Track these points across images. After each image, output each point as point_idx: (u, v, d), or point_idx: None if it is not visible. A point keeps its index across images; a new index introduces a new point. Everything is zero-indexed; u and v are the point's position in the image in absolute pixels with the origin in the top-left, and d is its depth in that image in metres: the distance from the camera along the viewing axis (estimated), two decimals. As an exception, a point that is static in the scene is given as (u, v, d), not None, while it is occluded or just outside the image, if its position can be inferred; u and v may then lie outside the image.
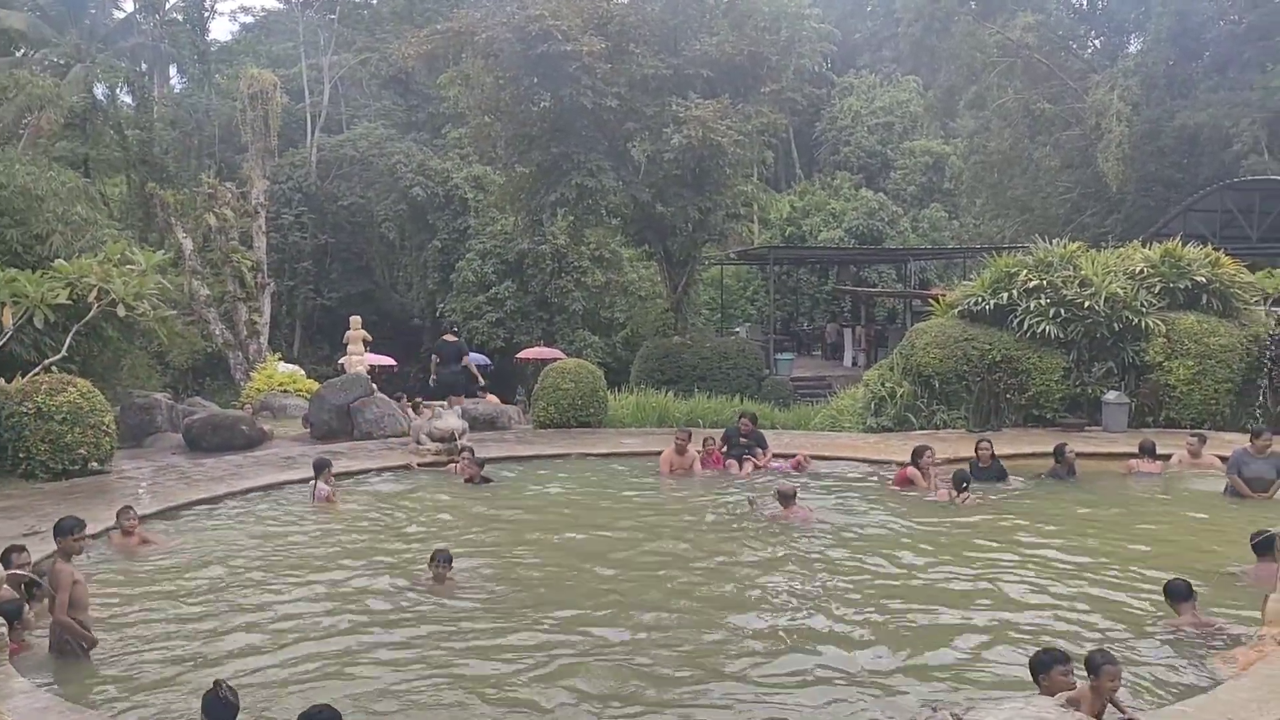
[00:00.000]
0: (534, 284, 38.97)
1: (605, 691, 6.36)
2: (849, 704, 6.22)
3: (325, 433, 17.06)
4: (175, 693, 6.38)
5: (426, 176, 40.93)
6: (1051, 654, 5.66)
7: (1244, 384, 16.56)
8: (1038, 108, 37.09)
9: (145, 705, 6.23)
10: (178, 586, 8.65)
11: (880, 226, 43.63)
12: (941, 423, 16.98)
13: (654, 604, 8.12)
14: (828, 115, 52.87)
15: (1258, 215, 28.06)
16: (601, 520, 11.25)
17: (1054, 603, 8.10)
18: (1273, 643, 6.49)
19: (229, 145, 45.31)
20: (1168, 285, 17.36)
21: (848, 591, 8.48)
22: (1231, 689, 5.81)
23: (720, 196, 26.40)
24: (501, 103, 25.53)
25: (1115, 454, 14.10)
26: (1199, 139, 33.69)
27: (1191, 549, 9.66)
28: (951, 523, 10.92)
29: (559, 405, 17.89)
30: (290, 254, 42.95)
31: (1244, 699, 5.55)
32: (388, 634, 7.47)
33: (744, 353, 28.23)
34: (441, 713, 6.10)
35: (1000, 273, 17.80)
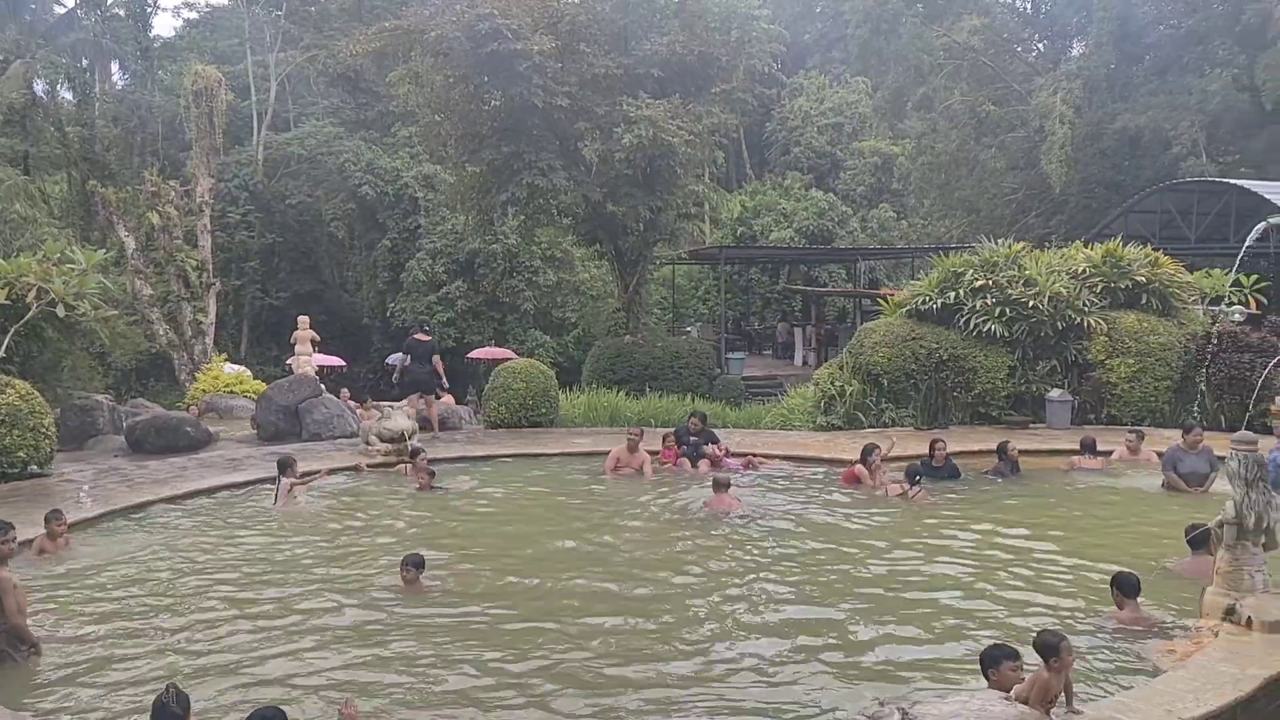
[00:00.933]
0: (485, 283, 38.79)
1: (574, 694, 6.38)
2: (798, 695, 6.29)
3: (273, 434, 16.87)
4: (119, 699, 6.28)
5: (376, 175, 40.57)
6: (1001, 649, 5.69)
7: (1182, 382, 16.94)
8: (983, 110, 37.62)
9: (89, 711, 6.13)
10: (122, 591, 8.51)
11: (830, 226, 43.96)
12: (890, 421, 17.18)
13: (616, 606, 8.16)
14: (778, 115, 53.17)
15: (1196, 216, 28.66)
16: (556, 522, 11.24)
17: (998, 596, 8.24)
18: (1209, 634, 6.65)
19: (173, 143, 44.59)
20: (1109, 285, 17.72)
21: (798, 585, 8.56)
22: (1170, 680, 5.95)
23: (671, 196, 26.46)
24: (451, 101, 25.38)
25: (1058, 451, 14.36)
26: (1140, 141, 34.35)
27: (1131, 543, 9.87)
28: (896, 518, 11.08)
29: (510, 405, 17.85)
30: (237, 253, 42.35)
31: (1181, 690, 5.69)
32: (354, 637, 7.41)
33: (695, 352, 28.32)
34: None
35: (947, 273, 18.05)
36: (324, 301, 43.02)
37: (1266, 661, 6.07)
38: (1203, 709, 5.43)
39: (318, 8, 50.50)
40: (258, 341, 42.88)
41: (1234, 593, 6.77)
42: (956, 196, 39.90)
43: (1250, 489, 6.75)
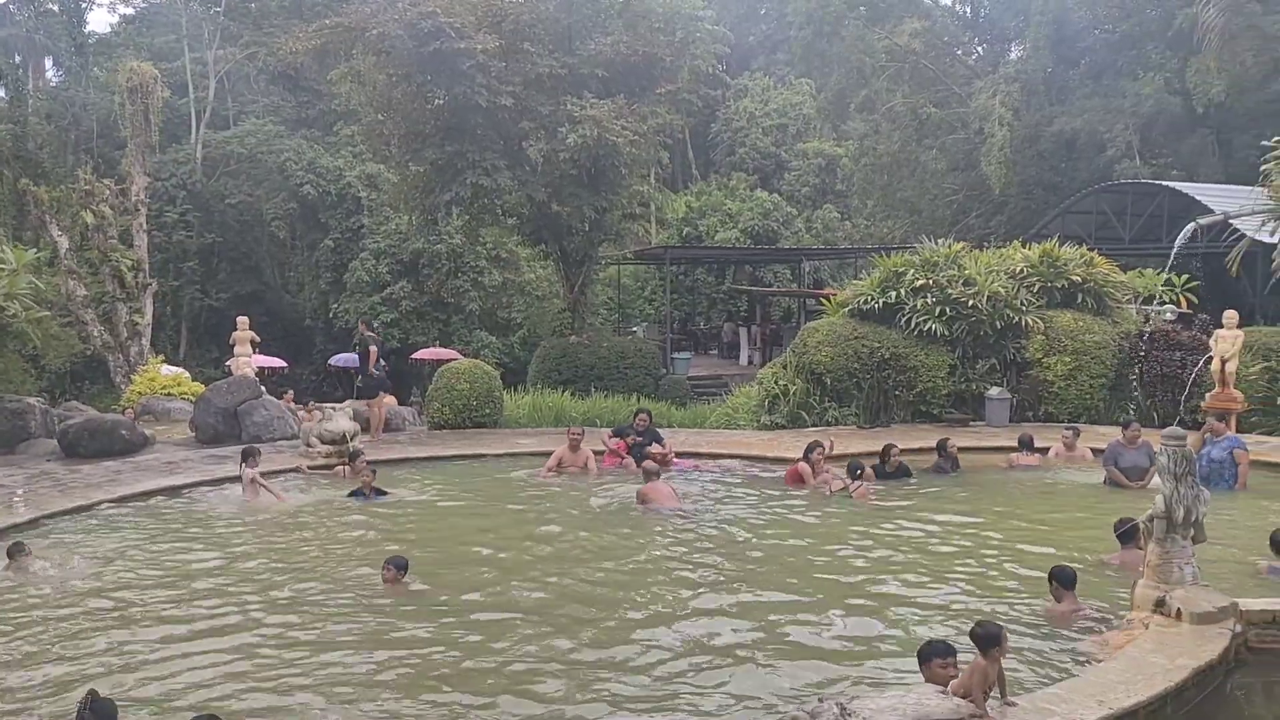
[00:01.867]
0: (430, 284, 38.53)
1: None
2: (738, 689, 6.32)
3: (211, 436, 16.59)
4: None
5: (317, 175, 40.12)
6: (933, 646, 5.77)
7: (1116, 379, 17.28)
8: (925, 112, 38.14)
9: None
10: (62, 600, 8.31)
11: (775, 227, 44.24)
12: (833, 419, 17.32)
13: (582, 601, 8.17)
14: (723, 116, 53.43)
15: (1130, 217, 29.31)
16: (497, 523, 11.18)
17: (938, 590, 8.34)
18: (1141, 626, 6.79)
19: (108, 140, 43.70)
20: (1046, 284, 18.02)
21: (738, 579, 8.62)
22: (1102, 671, 6.06)
23: (616, 196, 26.44)
24: (394, 100, 25.14)
25: (997, 448, 14.59)
26: (1076, 144, 35.04)
27: (1069, 538, 10.04)
28: (838, 514, 11.18)
29: (454, 406, 17.73)
30: (175, 253, 41.62)
31: (1114, 681, 5.80)
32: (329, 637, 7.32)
33: (641, 352, 28.34)
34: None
35: (888, 272, 18.25)
36: (265, 302, 42.44)
37: (1195, 652, 6.22)
38: (1133, 699, 5.54)
39: (257, 4, 49.78)
40: (197, 343, 42.20)
41: (1164, 585, 6.91)
42: (899, 197, 40.40)
43: (1179, 483, 6.90)
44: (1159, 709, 5.60)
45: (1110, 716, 5.36)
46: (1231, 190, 25.68)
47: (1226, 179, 30.35)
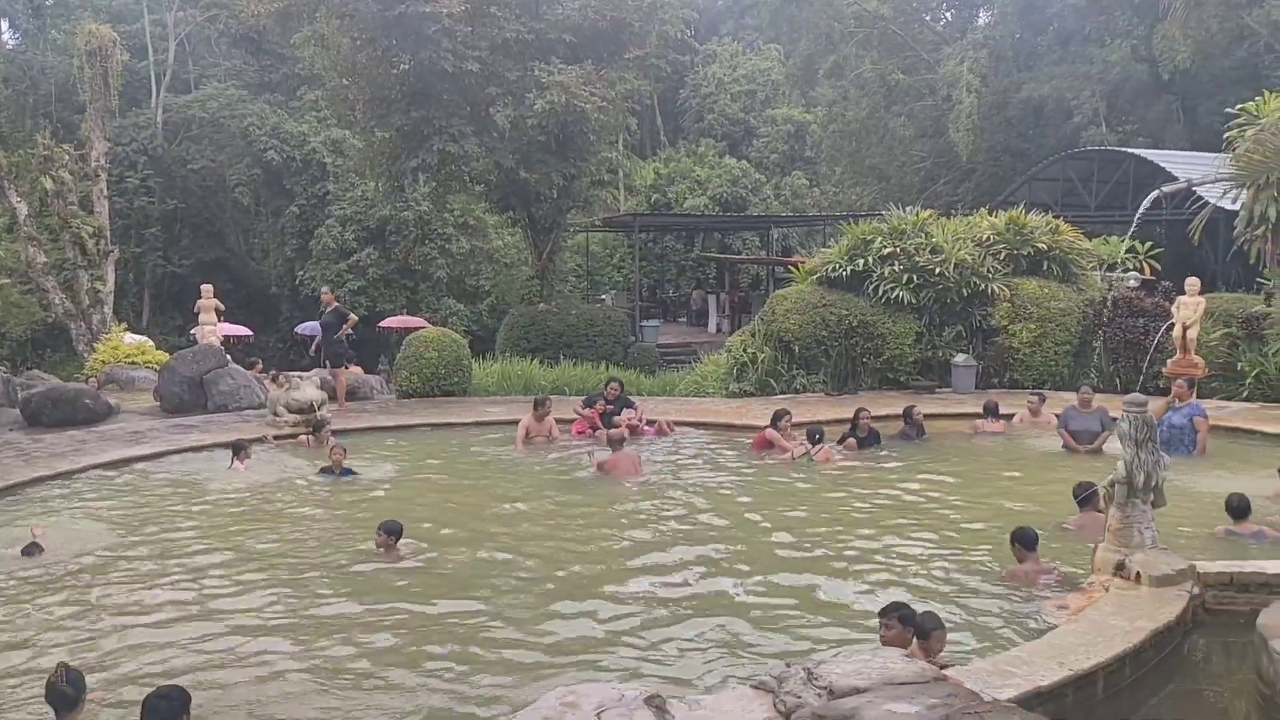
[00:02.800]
0: (397, 251, 38.22)
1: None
2: (708, 655, 6.39)
3: (176, 405, 16.43)
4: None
5: (281, 140, 39.59)
6: (895, 606, 6.00)
7: (1080, 346, 17.46)
8: (893, 78, 38.09)
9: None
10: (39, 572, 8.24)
11: (744, 194, 44.19)
12: (801, 387, 17.40)
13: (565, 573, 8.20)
14: (691, 83, 53.17)
15: (1096, 184, 29.50)
16: (467, 492, 11.19)
17: (903, 553, 8.46)
18: (1101, 589, 6.90)
19: (67, 105, 42.85)
20: (1012, 252, 18.14)
21: (707, 544, 8.69)
22: (1063, 634, 6.16)
23: (585, 163, 26.33)
24: (359, 65, 24.82)
25: (963, 414, 14.72)
26: (1043, 110, 35.16)
27: (1032, 501, 10.18)
28: (804, 480, 11.27)
29: (422, 374, 17.66)
30: (136, 219, 41.01)
31: (1074, 643, 5.90)
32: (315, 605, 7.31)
33: (610, 320, 28.32)
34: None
35: (856, 240, 18.29)
36: (230, 269, 41.96)
37: (1154, 614, 6.33)
38: (1092, 661, 5.64)
39: (218, -35, 48.79)
40: (160, 311, 41.69)
41: (1124, 549, 7.03)
42: (867, 164, 40.43)
43: (1140, 449, 6.99)
44: (1117, 670, 5.71)
45: (1070, 678, 5.46)
46: (1196, 157, 25.90)
47: (1191, 145, 30.60)
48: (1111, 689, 5.66)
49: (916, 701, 4.29)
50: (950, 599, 7.37)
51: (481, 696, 5.90)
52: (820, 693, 4.58)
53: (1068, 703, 5.34)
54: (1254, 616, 5.97)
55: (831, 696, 4.51)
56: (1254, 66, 30.39)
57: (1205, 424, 12.21)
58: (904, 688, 4.50)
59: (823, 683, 4.62)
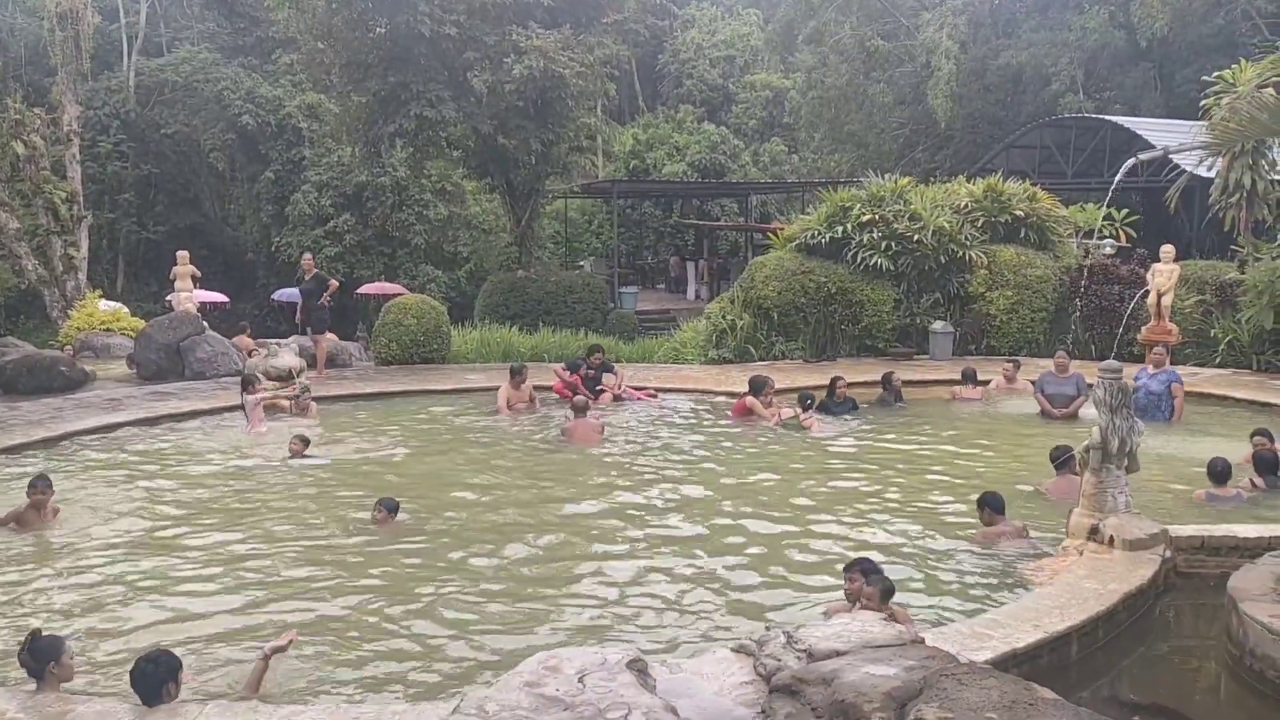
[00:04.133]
0: (374, 217, 37.88)
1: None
2: (687, 621, 6.46)
3: (153, 373, 16.33)
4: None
5: (256, 104, 39.06)
6: (859, 561, 6.22)
7: (1056, 313, 17.60)
8: (872, 44, 37.93)
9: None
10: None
11: (722, 160, 44.02)
12: (780, 354, 17.48)
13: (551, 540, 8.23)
14: (670, 48, 52.76)
15: (1073, 151, 29.57)
16: (451, 461, 11.21)
17: (877, 517, 8.57)
18: (1075, 553, 7.02)
19: (37, 68, 42.11)
20: (990, 219, 18.22)
21: (688, 510, 8.76)
22: (1038, 597, 6.28)
23: (563, 129, 26.13)
24: (334, 28, 24.50)
25: (940, 380, 14.86)
26: (1021, 78, 35.16)
27: (1006, 466, 10.32)
28: (784, 446, 11.36)
29: (401, 341, 17.62)
30: (110, 185, 40.45)
31: (1049, 606, 6.01)
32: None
33: (589, 286, 28.27)
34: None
35: (835, 207, 18.32)
36: (205, 235, 41.51)
37: (1127, 577, 6.45)
38: (1067, 623, 5.75)
39: (189, -75, 47.96)
40: (135, 277, 41.28)
41: (1098, 513, 7.14)
42: (846, 131, 40.32)
43: (1115, 415, 7.09)
44: (1091, 632, 5.83)
45: (1044, 640, 5.57)
46: (1172, 124, 26.00)
47: (1168, 113, 30.70)
48: (1085, 651, 5.78)
49: (894, 664, 4.37)
50: (926, 563, 7.47)
51: (464, 661, 5.95)
52: (800, 655, 4.65)
53: (1042, 664, 5.45)
54: (1224, 579, 6.10)
55: (811, 659, 4.59)
56: (1230, 34, 30.48)
57: (1182, 391, 12.37)
58: (882, 650, 4.58)
59: (803, 646, 4.69)
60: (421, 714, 4.59)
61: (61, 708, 4.74)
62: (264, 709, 4.73)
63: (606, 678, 4.40)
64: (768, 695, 4.53)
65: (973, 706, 3.93)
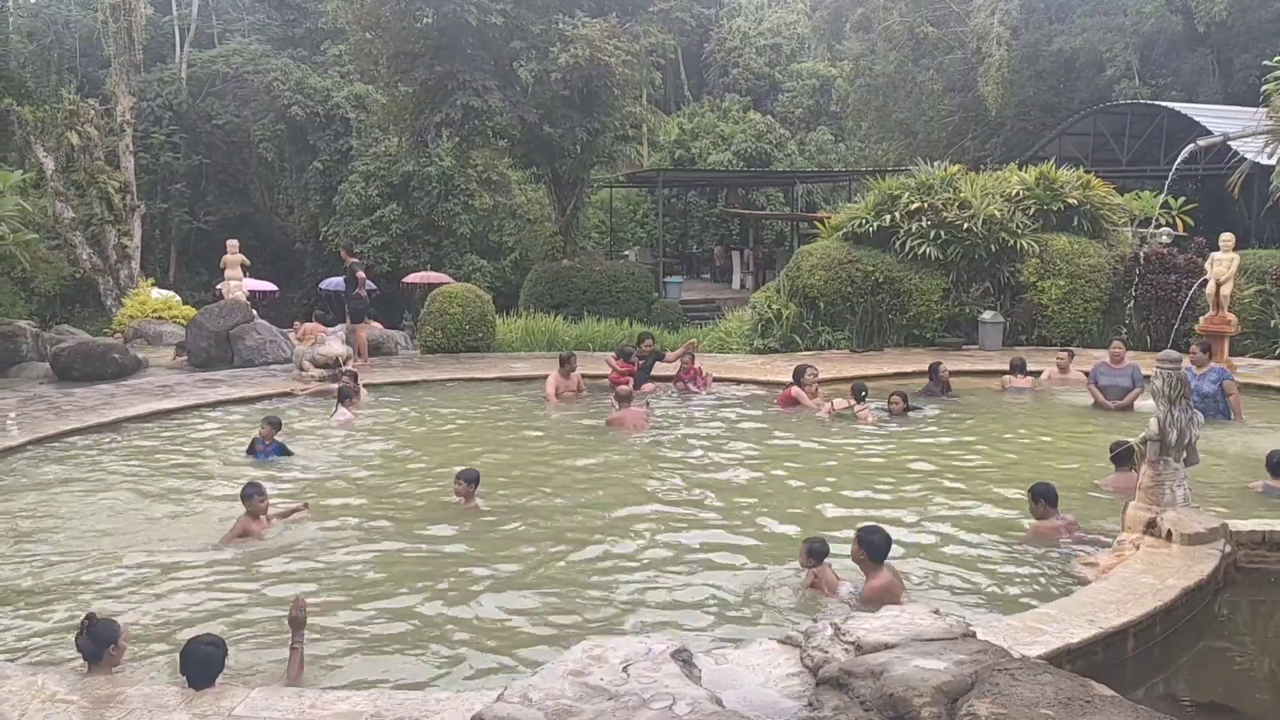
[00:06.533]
0: (420, 207, 38.11)
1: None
2: (728, 612, 6.39)
3: (204, 360, 16.55)
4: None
5: (305, 95, 39.44)
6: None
7: (1110, 303, 17.26)
8: (921, 31, 37.40)
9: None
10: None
11: (768, 149, 43.74)
12: (826, 344, 17.32)
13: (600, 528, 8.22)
14: (716, 36, 52.44)
15: (1128, 139, 28.99)
16: (492, 445, 11.22)
17: (927, 510, 8.44)
18: (1131, 548, 6.85)
19: (91, 59, 42.85)
20: (1042, 207, 17.89)
21: (731, 501, 8.68)
22: (1093, 591, 6.13)
23: (609, 118, 26.07)
24: (382, 18, 24.62)
25: (990, 371, 14.62)
26: (1075, 64, 34.50)
27: (1060, 458, 10.12)
28: (830, 437, 11.23)
29: (446, 330, 17.69)
30: (162, 175, 41.09)
31: (1104, 601, 5.87)
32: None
33: (633, 276, 28.23)
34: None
35: (883, 195, 18.10)
36: (254, 225, 42.03)
37: (1185, 572, 6.29)
38: (1123, 618, 5.61)
39: (240, -82, 48.46)
40: (186, 266, 41.89)
41: (1155, 507, 6.96)
42: (894, 119, 39.83)
43: (1173, 406, 6.91)
44: (1148, 627, 5.68)
45: (1100, 635, 5.43)
46: (1231, 111, 25.37)
47: (1226, 100, 29.97)
48: (1141, 647, 5.64)
49: (945, 657, 4.27)
50: (976, 556, 7.34)
51: (509, 648, 5.93)
52: (848, 648, 4.56)
53: (1097, 660, 5.32)
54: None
55: (859, 652, 4.50)
56: (1293, 18, 29.70)
57: (1235, 387, 11.74)
58: (932, 644, 4.48)
59: (850, 638, 4.61)
60: (465, 701, 4.56)
61: (110, 690, 4.78)
62: (308, 694, 4.73)
63: (651, 667, 4.34)
64: (814, 687, 4.45)
65: (1027, 702, 3.83)
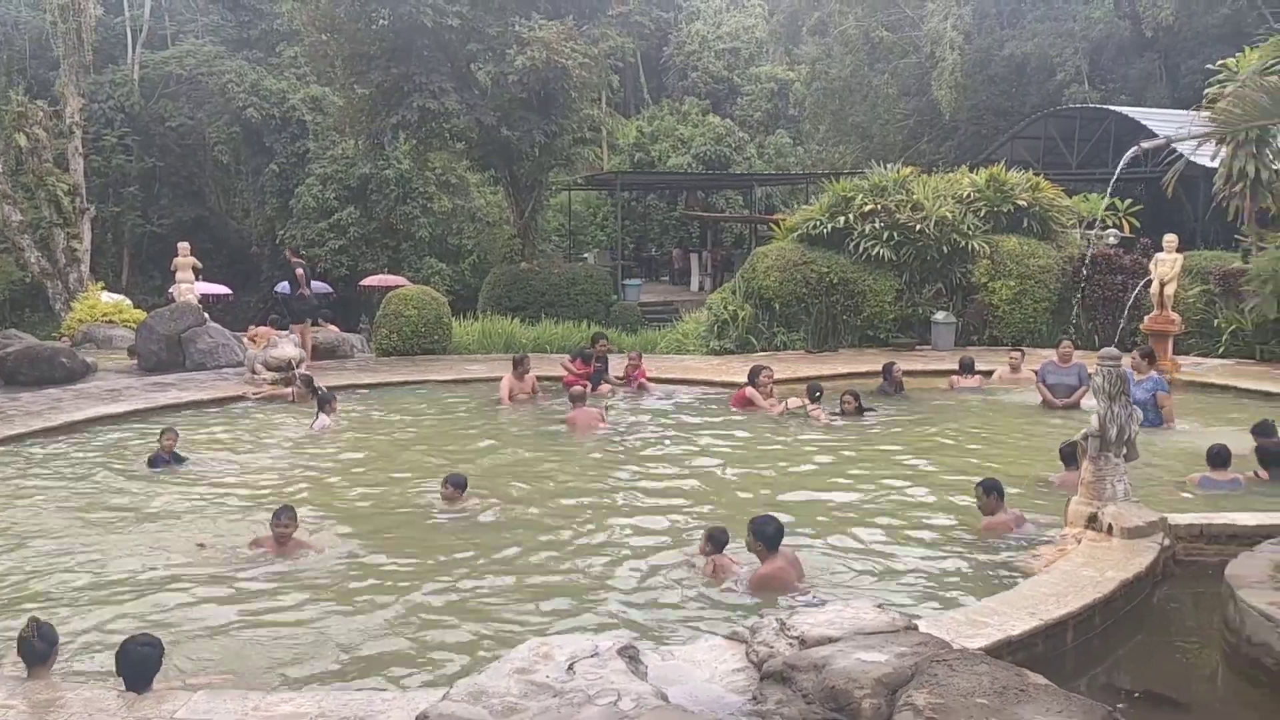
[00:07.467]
0: (378, 210, 37.86)
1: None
2: (680, 611, 6.44)
3: (154, 364, 16.33)
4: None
5: (261, 97, 39.07)
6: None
7: (1059, 303, 17.53)
8: (876, 35, 37.77)
9: None
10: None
11: (727, 152, 43.93)
12: (782, 344, 17.44)
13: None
14: (675, 40, 52.58)
15: (1077, 142, 29.47)
16: (446, 449, 11.20)
17: (876, 507, 8.54)
18: (1073, 541, 6.98)
19: (41, 61, 42.13)
20: (992, 209, 18.14)
21: (681, 500, 8.74)
22: (1035, 584, 6.24)
23: (567, 121, 26.09)
24: (337, 20, 24.48)
25: (941, 371, 14.79)
26: (1026, 68, 34.99)
27: (1009, 457, 10.27)
28: (782, 436, 11.34)
29: (401, 332, 17.63)
30: (114, 178, 40.52)
31: (1044, 593, 5.97)
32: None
33: (592, 278, 28.27)
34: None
35: (837, 197, 18.25)
36: (209, 228, 41.55)
37: (1124, 565, 6.41)
38: (1063, 610, 5.71)
39: (193, -83, 47.89)
40: (139, 270, 41.33)
41: (1096, 501, 7.10)
42: (850, 122, 40.18)
43: (1113, 403, 7.04)
44: (1087, 619, 5.79)
45: (1041, 627, 5.53)
46: (1178, 115, 25.76)
47: (1174, 104, 30.48)
48: (1081, 638, 5.75)
49: (886, 650, 4.34)
50: (924, 551, 7.45)
51: (459, 647, 5.93)
52: (793, 642, 4.62)
53: (1038, 651, 5.41)
54: (1223, 567, 6.05)
55: (803, 646, 4.56)
56: (1237, 24, 30.24)
57: (1169, 399, 11.53)
58: (874, 637, 4.55)
59: (795, 633, 4.67)
60: (410, 700, 4.56)
61: (51, 695, 4.73)
62: (252, 696, 4.71)
63: (597, 665, 4.37)
64: (759, 682, 4.50)
65: (963, 692, 3.91)
